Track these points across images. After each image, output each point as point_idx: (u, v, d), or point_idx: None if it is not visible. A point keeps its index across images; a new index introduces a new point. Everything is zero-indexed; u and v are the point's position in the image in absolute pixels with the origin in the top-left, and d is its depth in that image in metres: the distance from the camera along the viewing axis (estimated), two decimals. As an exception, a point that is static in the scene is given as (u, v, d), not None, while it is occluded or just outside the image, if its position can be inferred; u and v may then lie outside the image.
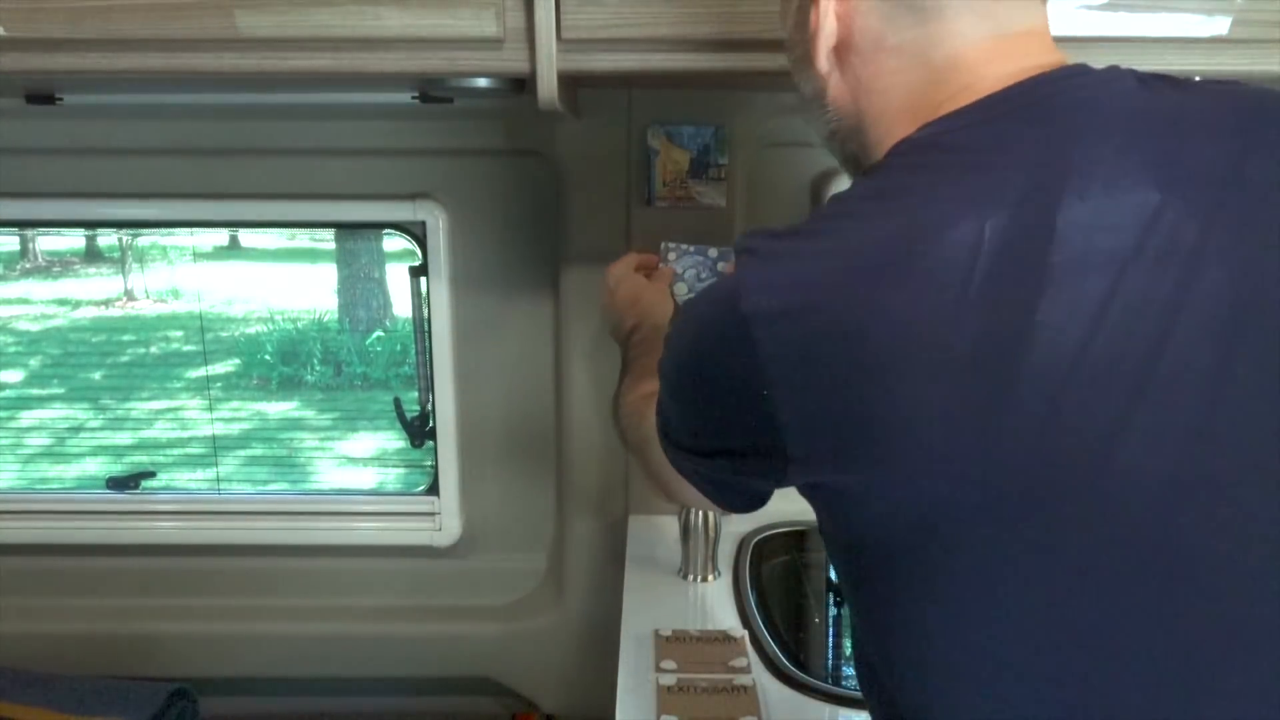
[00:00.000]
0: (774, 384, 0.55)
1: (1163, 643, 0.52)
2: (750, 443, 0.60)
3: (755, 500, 0.74)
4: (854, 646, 0.69)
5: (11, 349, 2.62)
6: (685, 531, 1.33)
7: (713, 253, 1.31)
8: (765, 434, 0.57)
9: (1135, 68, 0.61)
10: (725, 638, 1.17)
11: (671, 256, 1.34)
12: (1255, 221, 0.54)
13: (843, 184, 1.41)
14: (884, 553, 0.57)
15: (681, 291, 1.33)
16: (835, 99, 0.68)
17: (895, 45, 0.63)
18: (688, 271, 1.29)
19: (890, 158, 0.61)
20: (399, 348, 2.97)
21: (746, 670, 1.10)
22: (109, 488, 1.68)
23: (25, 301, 2.99)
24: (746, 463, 0.63)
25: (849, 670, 1.26)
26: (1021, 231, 0.52)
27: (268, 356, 3.26)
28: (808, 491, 0.60)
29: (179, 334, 3.01)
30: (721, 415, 0.62)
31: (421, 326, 1.57)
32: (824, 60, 0.67)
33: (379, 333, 3.05)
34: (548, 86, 0.97)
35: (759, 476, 0.65)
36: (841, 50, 0.66)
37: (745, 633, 1.18)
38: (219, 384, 3.06)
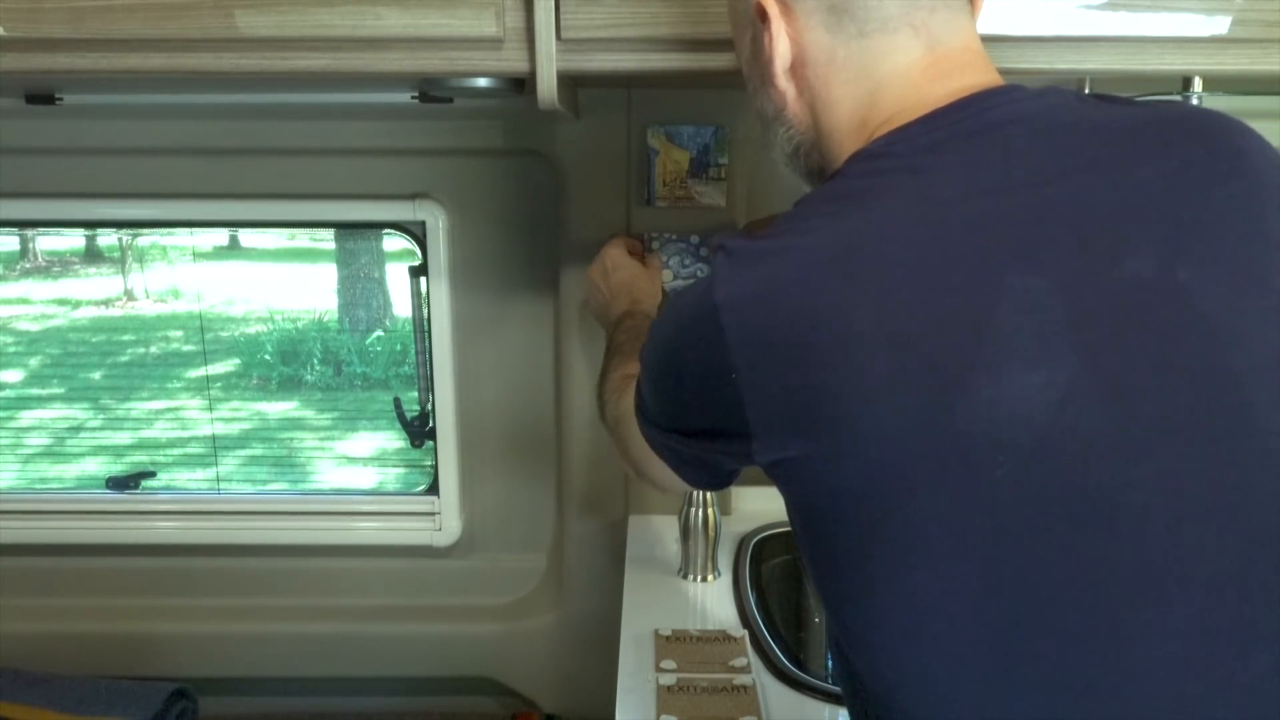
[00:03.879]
0: (738, 366, 0.61)
1: (1092, 595, 0.56)
2: (720, 424, 0.66)
3: (721, 479, 0.79)
4: (830, 644, 0.73)
5: (11, 349, 2.62)
6: (685, 531, 1.33)
7: (694, 239, 1.40)
8: (733, 414, 0.63)
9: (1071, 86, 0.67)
10: (725, 637, 1.17)
11: (655, 245, 1.40)
12: (1171, 215, 0.60)
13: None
14: (836, 522, 0.62)
15: (667, 278, 1.37)
16: (794, 115, 0.75)
17: (844, 58, 0.70)
18: (672, 259, 1.35)
19: (847, 165, 0.67)
20: (399, 347, 2.97)
21: (747, 670, 1.10)
22: (109, 488, 1.68)
23: (25, 301, 2.99)
24: (716, 443, 0.69)
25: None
26: (960, 228, 0.59)
27: (267, 356, 3.26)
28: (772, 471, 0.65)
29: (179, 334, 3.01)
30: (694, 399, 0.68)
31: (421, 326, 1.57)
32: (782, 79, 0.73)
33: (379, 333, 3.04)
34: (547, 86, 0.97)
35: (728, 455, 0.70)
36: (797, 67, 0.72)
37: (745, 632, 1.18)
38: (219, 384, 3.06)
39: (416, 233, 1.53)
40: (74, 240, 3.18)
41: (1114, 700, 0.56)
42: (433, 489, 1.63)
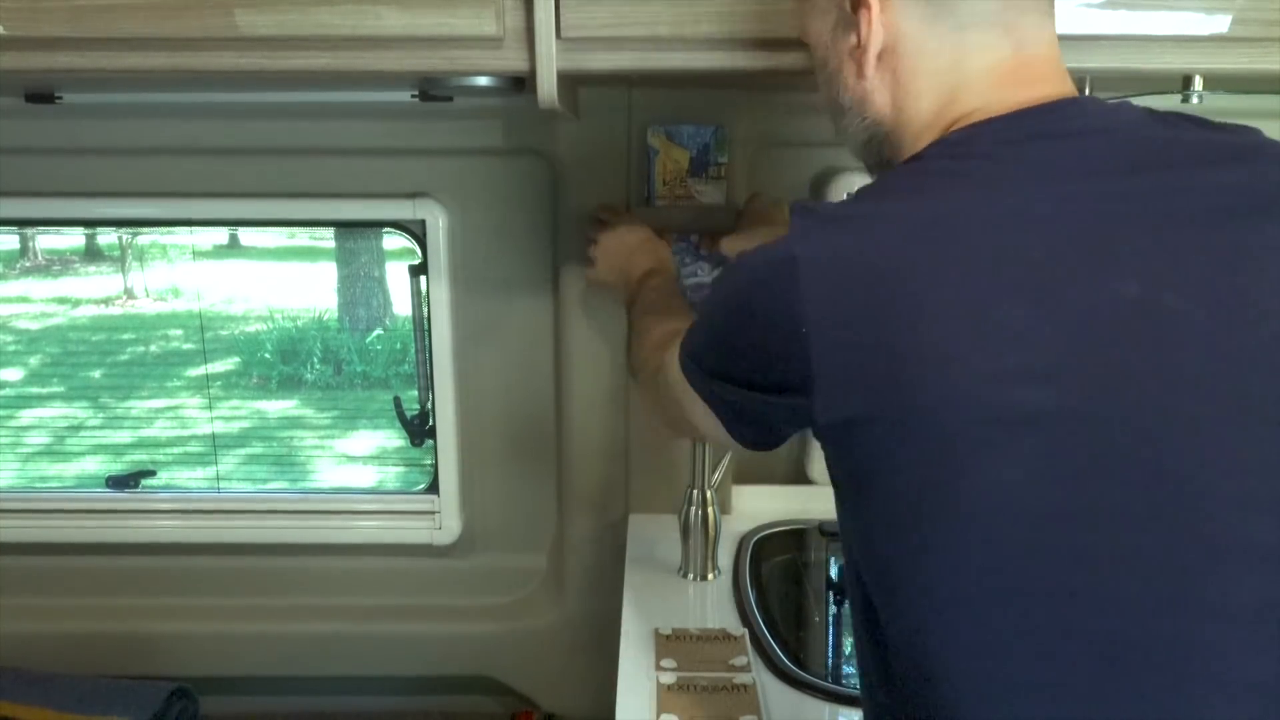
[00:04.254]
0: (811, 320, 0.61)
1: (1157, 570, 0.57)
2: (783, 378, 0.65)
3: (769, 438, 0.77)
4: (850, 593, 0.73)
5: (11, 348, 2.62)
6: (685, 531, 1.33)
7: (694, 238, 1.39)
8: (798, 369, 0.63)
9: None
10: (725, 636, 1.17)
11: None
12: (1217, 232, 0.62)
13: (842, 183, 1.42)
14: (892, 487, 0.62)
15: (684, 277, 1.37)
16: (876, 104, 0.74)
17: (934, 50, 0.70)
18: (672, 259, 1.34)
19: (929, 150, 0.69)
20: (399, 346, 2.97)
21: (747, 669, 1.10)
22: (109, 486, 1.68)
23: (25, 300, 2.99)
24: (776, 397, 0.67)
25: (849, 669, 1.26)
26: (1037, 220, 0.61)
27: (267, 355, 3.26)
28: (829, 433, 0.65)
29: (178, 332, 3.01)
30: (759, 351, 0.67)
31: (421, 325, 1.57)
32: (872, 68, 0.73)
33: (379, 331, 3.05)
34: (547, 86, 0.97)
35: (785, 412, 0.68)
36: (885, 55, 0.72)
37: (745, 631, 1.19)
38: (218, 382, 3.06)
39: (416, 232, 1.53)
40: (74, 239, 3.19)
41: (1174, 677, 0.57)
42: (433, 488, 1.63)
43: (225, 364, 3.19)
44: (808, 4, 0.81)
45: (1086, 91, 0.98)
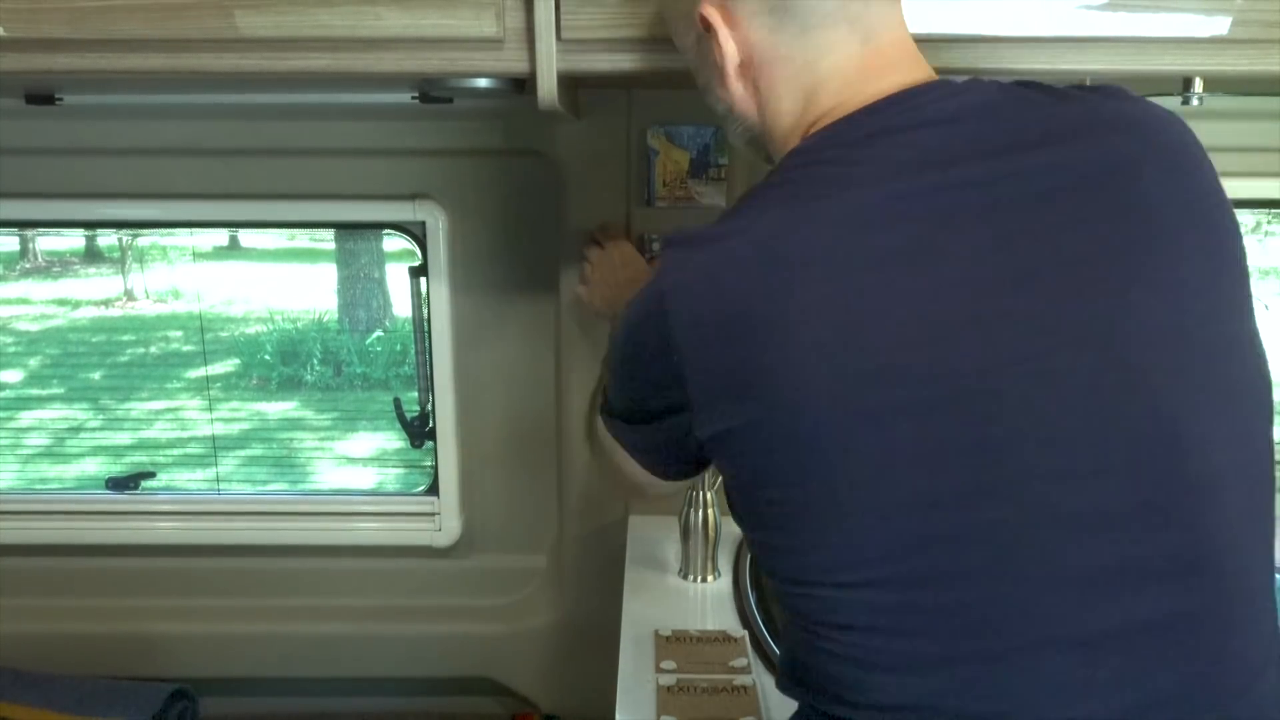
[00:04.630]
0: (680, 346, 0.67)
1: (991, 543, 0.62)
2: (668, 402, 0.72)
3: (687, 466, 0.82)
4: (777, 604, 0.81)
5: (11, 349, 2.62)
6: (685, 531, 1.33)
7: None
8: (677, 391, 0.69)
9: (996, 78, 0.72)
10: (725, 638, 1.17)
11: (656, 246, 1.41)
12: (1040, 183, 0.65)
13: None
14: (772, 484, 0.67)
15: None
16: (743, 111, 0.78)
17: (786, 55, 0.73)
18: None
19: (785, 160, 0.72)
20: (399, 348, 2.97)
21: (747, 670, 1.10)
22: (109, 488, 1.68)
23: (25, 301, 2.99)
24: (667, 421, 0.75)
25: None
26: (883, 219, 0.64)
27: (267, 356, 3.26)
28: (711, 446, 0.70)
29: (178, 334, 3.01)
30: (645, 381, 0.75)
31: (421, 326, 1.57)
32: (734, 81, 0.76)
33: (379, 333, 3.04)
34: (547, 86, 0.97)
35: (679, 432, 0.73)
36: (745, 66, 0.76)
37: (745, 633, 1.19)
38: (218, 384, 3.06)
39: (416, 233, 1.53)
40: (74, 240, 3.18)
41: (1012, 639, 0.62)
42: (433, 489, 1.63)
43: (225, 365, 3.18)
44: (673, 22, 0.85)
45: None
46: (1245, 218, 1.81)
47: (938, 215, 0.64)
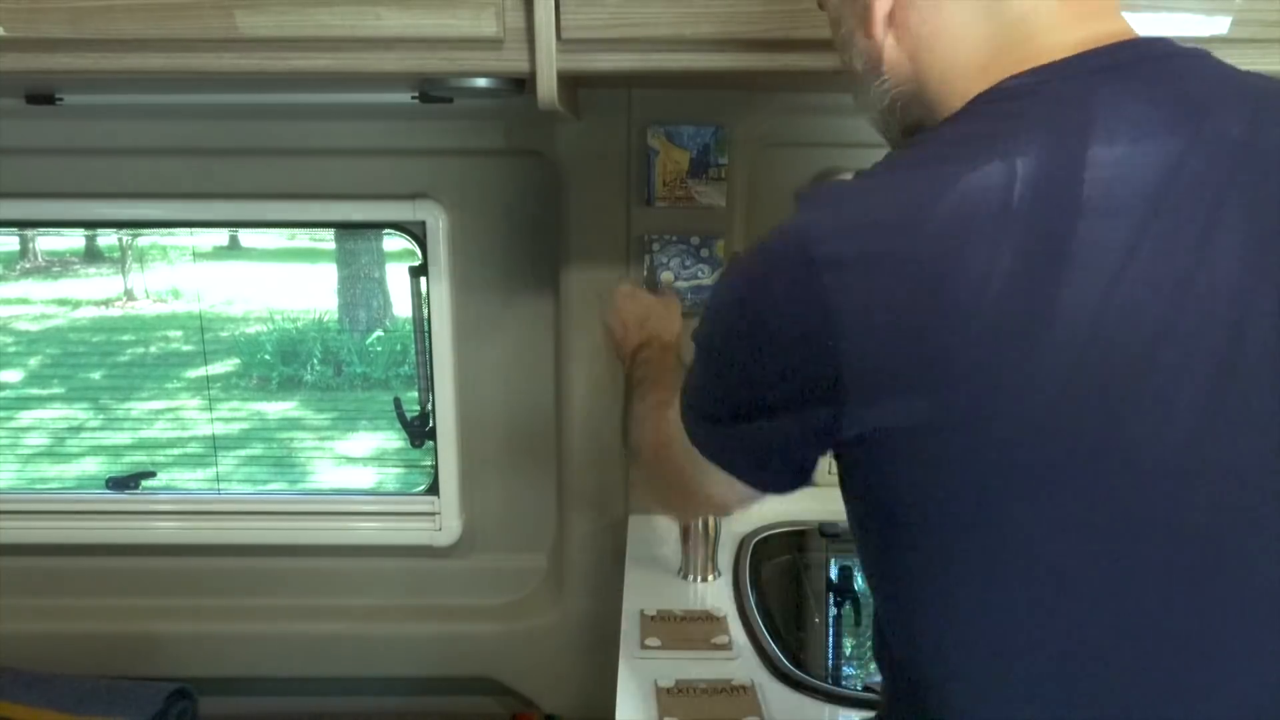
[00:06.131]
0: (845, 332, 0.53)
1: (1166, 621, 0.53)
2: (801, 392, 0.58)
3: (795, 473, 0.67)
4: (874, 626, 0.69)
5: (11, 349, 2.62)
6: (685, 532, 1.33)
7: (694, 240, 1.40)
8: (822, 378, 0.55)
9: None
10: (708, 617, 1.21)
11: (656, 246, 1.41)
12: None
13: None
14: (925, 506, 0.56)
15: (669, 279, 1.37)
16: (892, 64, 0.66)
17: None
18: (672, 260, 1.35)
19: (976, 105, 0.60)
20: (399, 348, 2.97)
21: (728, 646, 1.14)
22: (109, 488, 1.68)
23: (25, 301, 2.99)
24: (790, 417, 0.60)
25: (849, 670, 1.26)
26: (1106, 186, 0.52)
27: (267, 356, 3.26)
28: (859, 446, 0.58)
29: (178, 334, 3.01)
30: (771, 365, 0.59)
31: (421, 326, 1.57)
32: (880, 26, 0.65)
33: (379, 333, 3.04)
34: (547, 86, 0.97)
35: (804, 431, 0.60)
36: (897, 12, 0.65)
37: (726, 613, 1.22)
38: (218, 384, 3.06)
39: (416, 233, 1.53)
40: (74, 240, 3.19)
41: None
42: (433, 489, 1.63)
43: (225, 365, 3.19)
44: None
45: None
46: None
47: (1188, 210, 0.52)
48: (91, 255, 3.23)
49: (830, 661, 1.30)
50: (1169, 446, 0.51)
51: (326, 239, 2.98)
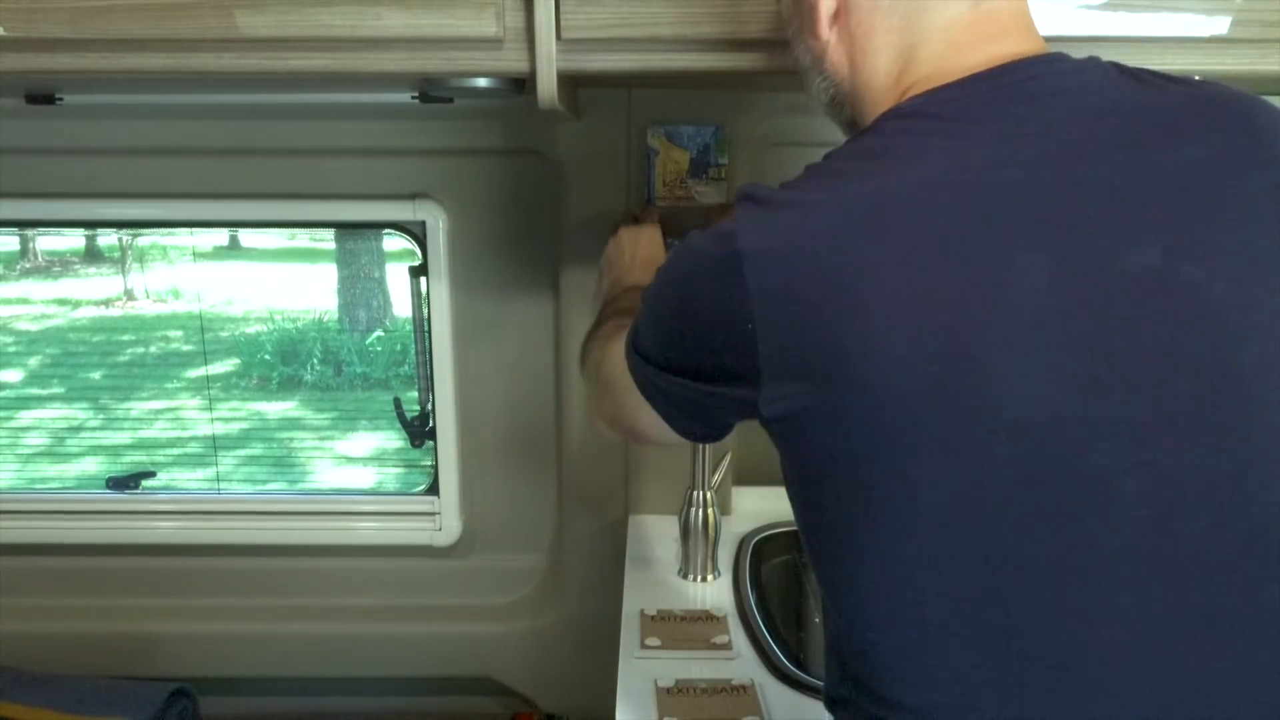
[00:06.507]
0: (757, 316, 0.60)
1: (1076, 575, 0.57)
2: (727, 367, 0.65)
3: (712, 430, 0.76)
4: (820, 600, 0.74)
5: (11, 349, 2.62)
6: (685, 531, 1.33)
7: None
8: (744, 360, 0.62)
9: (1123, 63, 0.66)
10: (708, 617, 1.21)
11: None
12: (1185, 204, 0.60)
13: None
14: (833, 480, 0.63)
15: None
16: (834, 63, 0.73)
17: (889, 5, 0.68)
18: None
19: (881, 122, 0.67)
20: (399, 348, 2.97)
21: (728, 646, 1.14)
22: (109, 488, 1.68)
23: (25, 301, 2.99)
24: (720, 386, 0.67)
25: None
26: (989, 199, 0.58)
27: (267, 356, 3.26)
28: (774, 425, 0.64)
29: (178, 334, 3.01)
30: (704, 341, 0.66)
31: (421, 326, 1.57)
32: (825, 25, 0.71)
33: (379, 333, 3.04)
34: (547, 86, 0.97)
35: (729, 401, 0.68)
36: (840, 14, 0.71)
37: (726, 613, 1.21)
38: (218, 384, 3.06)
39: (416, 233, 1.53)
40: (74, 240, 3.18)
41: (1085, 677, 0.58)
42: (433, 489, 1.63)
43: (225, 365, 3.19)
44: None
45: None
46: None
47: (1056, 208, 0.58)
48: (91, 255, 3.23)
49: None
50: (1030, 404, 0.56)
51: (326, 239, 2.97)
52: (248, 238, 2.98)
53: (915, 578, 0.60)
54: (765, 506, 1.52)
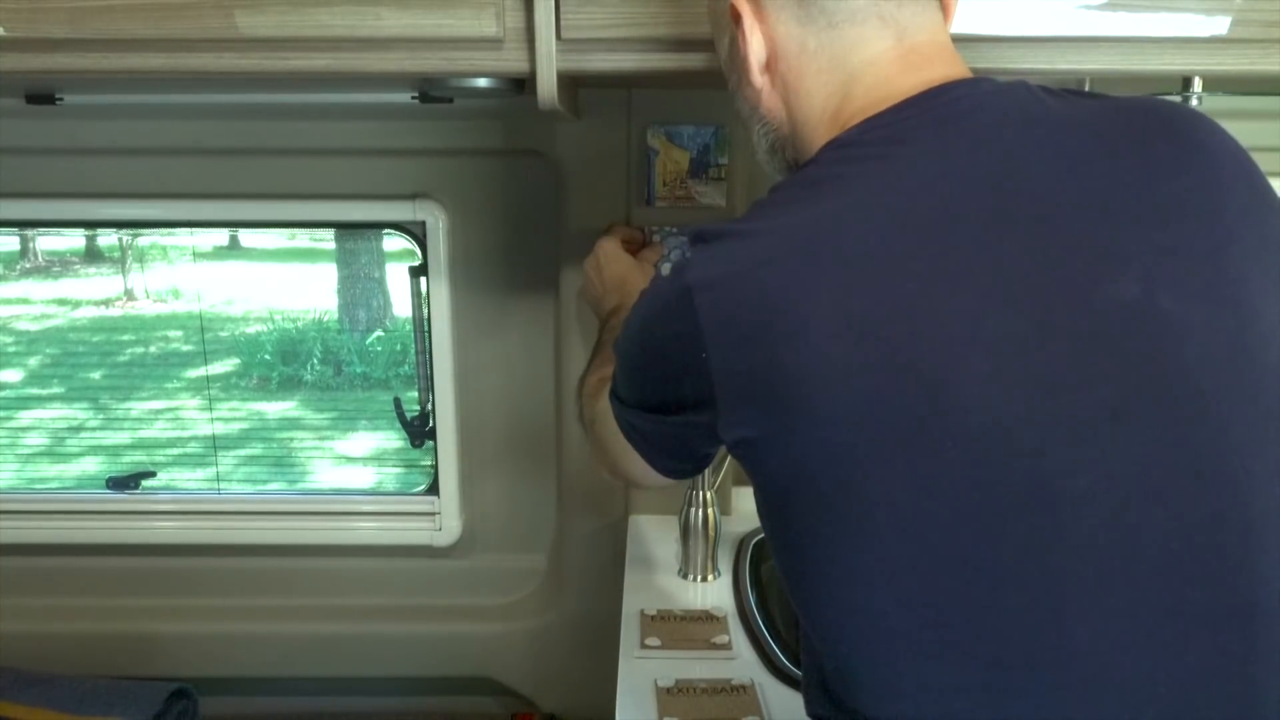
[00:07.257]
0: (708, 345, 0.63)
1: (1035, 576, 0.58)
2: (689, 398, 0.68)
3: (688, 464, 0.81)
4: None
5: (11, 349, 2.62)
6: (685, 531, 1.33)
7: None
8: (701, 387, 0.65)
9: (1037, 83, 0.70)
10: (708, 616, 1.21)
11: (656, 239, 1.40)
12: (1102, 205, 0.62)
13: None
14: (793, 501, 0.65)
15: (666, 270, 1.36)
16: (770, 109, 0.77)
17: (815, 49, 0.72)
18: (673, 253, 1.36)
19: (820, 153, 0.70)
20: (399, 348, 2.97)
21: (728, 646, 1.14)
22: (109, 488, 1.68)
23: (25, 301, 2.99)
24: (685, 416, 0.70)
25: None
26: (924, 217, 0.61)
27: (267, 356, 3.26)
28: (735, 450, 0.67)
29: (178, 334, 3.01)
30: (667, 376, 0.70)
31: (421, 326, 1.57)
32: (757, 75, 0.75)
33: (379, 333, 3.04)
34: (547, 86, 0.97)
35: (697, 431, 0.71)
36: (771, 62, 0.75)
37: (726, 613, 1.22)
38: (218, 384, 3.06)
39: (416, 233, 1.53)
40: (74, 240, 3.18)
41: (1053, 677, 0.58)
42: (433, 489, 1.63)
43: (225, 365, 3.19)
44: (713, 21, 0.85)
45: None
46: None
47: (990, 220, 0.61)
48: (91, 255, 3.23)
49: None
50: (976, 410, 0.58)
51: (326, 239, 2.97)
52: (248, 238, 2.97)
53: (878, 590, 0.62)
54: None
